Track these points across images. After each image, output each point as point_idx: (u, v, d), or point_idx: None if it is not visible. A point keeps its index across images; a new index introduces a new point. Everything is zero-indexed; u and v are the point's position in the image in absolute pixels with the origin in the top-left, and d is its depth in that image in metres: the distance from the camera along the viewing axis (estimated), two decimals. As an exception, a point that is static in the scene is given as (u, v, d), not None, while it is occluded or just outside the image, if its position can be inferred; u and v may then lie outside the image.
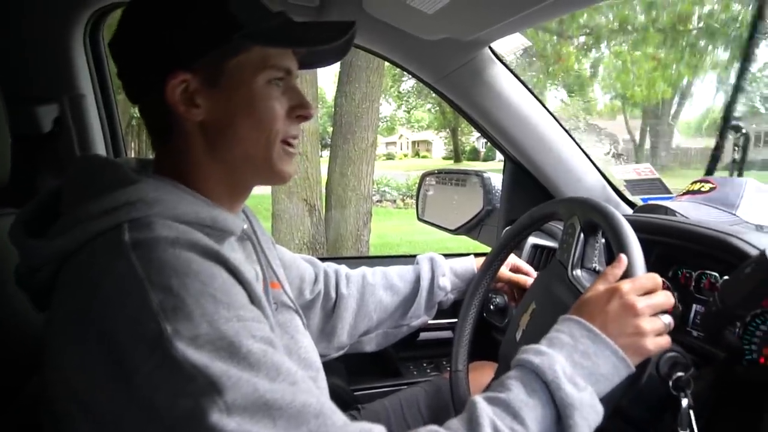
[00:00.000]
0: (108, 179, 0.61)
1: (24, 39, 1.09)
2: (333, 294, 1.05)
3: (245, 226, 0.71)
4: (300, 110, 0.70)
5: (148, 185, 0.60)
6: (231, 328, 0.51)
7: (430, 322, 1.53)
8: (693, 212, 1.08)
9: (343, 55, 0.77)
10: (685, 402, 0.73)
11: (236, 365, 0.49)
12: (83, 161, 0.68)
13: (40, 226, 0.61)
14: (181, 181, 0.66)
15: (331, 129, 5.19)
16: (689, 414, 0.72)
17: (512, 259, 1.09)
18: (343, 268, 1.10)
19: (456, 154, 23.93)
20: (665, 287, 0.96)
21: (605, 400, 0.63)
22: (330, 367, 1.01)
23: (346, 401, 1.33)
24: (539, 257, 1.37)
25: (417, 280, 1.09)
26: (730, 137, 1.34)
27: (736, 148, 1.29)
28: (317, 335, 1.02)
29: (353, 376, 1.43)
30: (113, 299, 0.52)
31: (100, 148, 1.20)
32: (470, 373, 0.97)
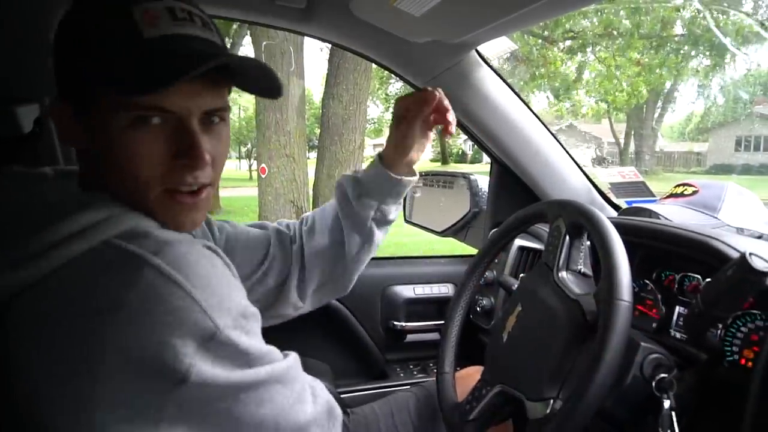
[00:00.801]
0: (57, 201, 0.57)
1: (3, 38, 1.07)
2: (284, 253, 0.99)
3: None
4: (182, 158, 0.59)
5: (103, 204, 0.57)
6: (249, 311, 0.58)
7: (417, 324, 1.55)
8: (676, 215, 1.09)
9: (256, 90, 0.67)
10: (667, 403, 0.74)
11: (252, 335, 0.58)
12: (12, 179, 0.62)
13: None
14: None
15: (319, 131, 5.18)
16: (671, 415, 0.73)
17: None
18: (293, 224, 1.03)
19: (443, 157, 24.02)
20: (649, 289, 0.97)
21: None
22: (315, 368, 1.01)
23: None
24: (525, 259, 1.38)
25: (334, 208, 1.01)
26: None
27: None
28: (274, 297, 0.97)
29: (339, 378, 1.42)
30: (141, 313, 0.50)
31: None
32: (460, 379, 0.97)
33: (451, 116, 0.94)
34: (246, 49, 9.63)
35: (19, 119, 1.00)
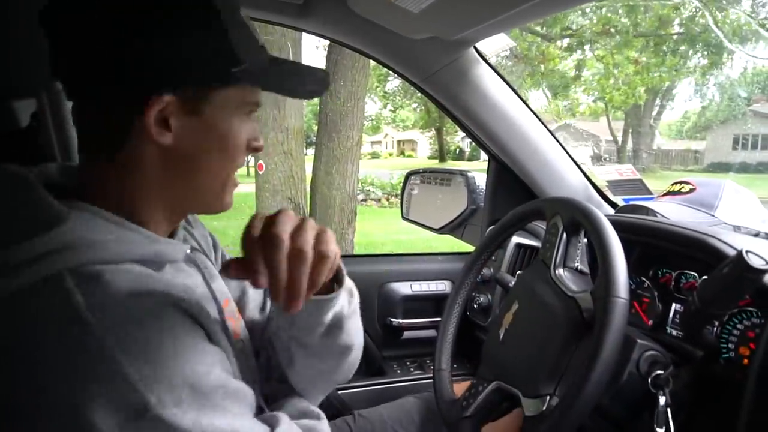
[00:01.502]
0: (28, 214, 0.54)
1: (1, 31, 1.06)
2: None
3: (188, 250, 0.65)
4: (254, 143, 0.67)
5: (79, 223, 0.54)
6: (206, 382, 0.52)
7: (414, 321, 1.55)
8: (673, 213, 1.10)
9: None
10: (663, 400, 0.74)
11: (212, 412, 0.51)
12: None
13: None
14: (109, 204, 0.58)
15: (317, 127, 5.17)
16: (666, 412, 0.74)
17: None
18: None
19: (441, 154, 24.01)
20: (646, 287, 0.97)
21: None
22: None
23: (331, 401, 1.33)
24: (522, 256, 1.38)
25: None
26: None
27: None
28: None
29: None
30: (70, 372, 0.47)
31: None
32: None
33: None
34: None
35: (17, 114, 1.00)
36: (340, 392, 1.36)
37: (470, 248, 1.66)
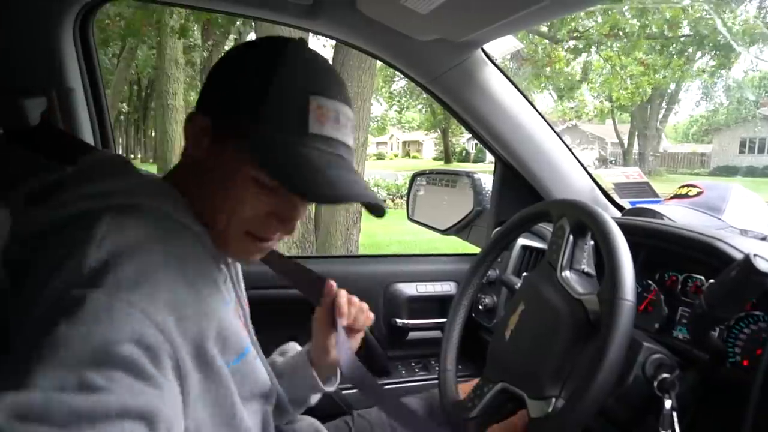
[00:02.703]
0: (112, 173, 0.66)
1: (12, 31, 1.07)
2: None
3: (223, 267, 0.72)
4: (279, 224, 0.67)
5: (148, 180, 0.67)
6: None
7: (420, 321, 1.55)
8: (680, 216, 1.09)
9: None
10: (668, 403, 0.74)
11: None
12: (96, 155, 0.72)
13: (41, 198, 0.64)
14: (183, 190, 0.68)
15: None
16: (672, 415, 0.73)
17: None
18: None
19: (446, 155, 24.00)
20: (652, 290, 0.97)
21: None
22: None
23: (335, 402, 1.33)
24: (528, 258, 1.38)
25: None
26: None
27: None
28: None
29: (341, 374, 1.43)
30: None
31: (89, 141, 1.19)
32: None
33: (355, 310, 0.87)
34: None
35: (27, 111, 1.01)
36: (343, 392, 1.36)
37: (476, 250, 1.66)
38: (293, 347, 1.00)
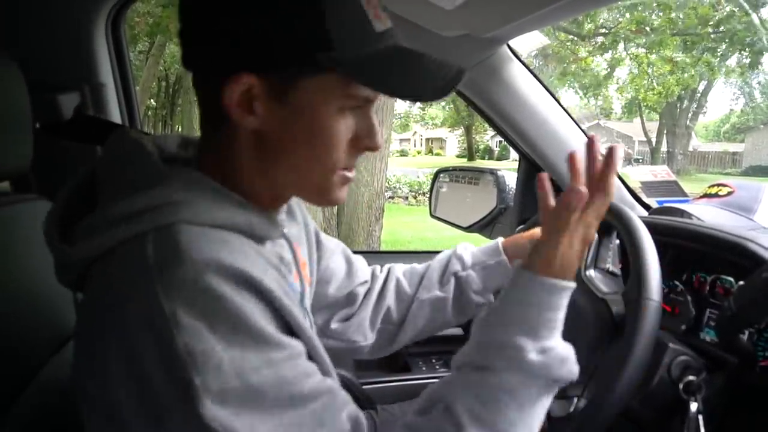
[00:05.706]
0: (135, 172, 0.57)
1: (48, 28, 1.10)
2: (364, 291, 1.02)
3: (285, 230, 0.67)
4: (367, 141, 0.61)
5: (177, 183, 0.55)
6: (259, 378, 0.48)
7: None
8: (709, 216, 1.07)
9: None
10: (694, 406, 0.73)
11: (260, 414, 0.48)
12: (116, 142, 0.61)
13: (73, 220, 0.57)
14: (219, 175, 0.59)
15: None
16: (698, 419, 0.72)
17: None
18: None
19: (470, 152, 23.84)
20: (679, 290, 0.95)
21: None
22: (337, 358, 1.02)
23: (356, 395, 1.34)
24: (551, 257, 1.36)
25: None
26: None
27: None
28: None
29: (361, 370, 1.44)
30: (140, 330, 0.47)
31: (119, 136, 1.22)
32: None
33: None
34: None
35: (61, 106, 1.04)
36: (364, 387, 1.37)
37: (498, 247, 1.65)
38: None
